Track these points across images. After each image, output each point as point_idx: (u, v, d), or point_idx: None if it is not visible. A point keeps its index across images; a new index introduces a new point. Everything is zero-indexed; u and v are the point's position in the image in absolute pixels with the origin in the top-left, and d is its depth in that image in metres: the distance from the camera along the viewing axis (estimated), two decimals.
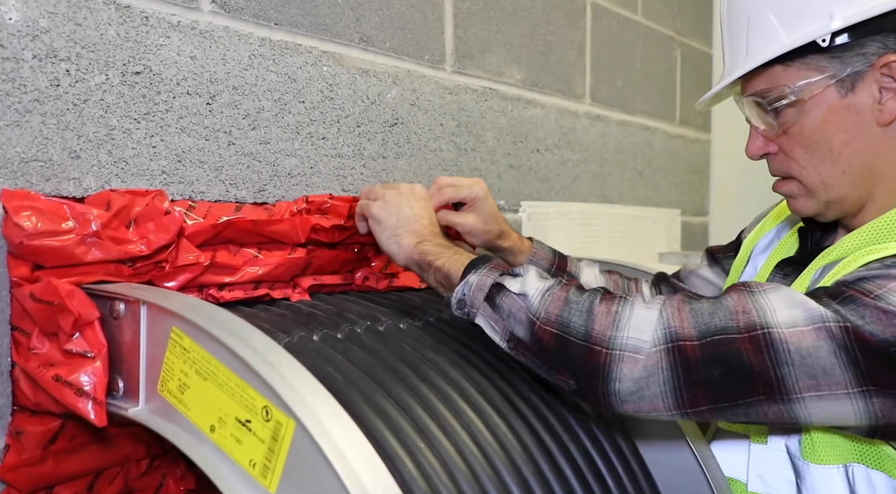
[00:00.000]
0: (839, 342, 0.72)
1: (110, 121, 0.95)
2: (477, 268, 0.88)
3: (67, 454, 0.90)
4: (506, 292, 0.84)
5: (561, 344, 0.79)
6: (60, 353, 0.82)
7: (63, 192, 0.90)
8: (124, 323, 0.80)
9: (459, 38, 1.52)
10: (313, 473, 0.61)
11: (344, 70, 1.26)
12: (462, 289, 0.88)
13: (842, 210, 0.94)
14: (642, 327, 0.77)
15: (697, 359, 0.75)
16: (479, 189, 1.18)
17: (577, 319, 0.79)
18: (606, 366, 0.77)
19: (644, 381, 0.76)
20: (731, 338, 0.74)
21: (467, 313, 0.88)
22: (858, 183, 0.91)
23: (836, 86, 0.88)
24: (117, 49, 0.96)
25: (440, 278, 0.93)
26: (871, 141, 0.89)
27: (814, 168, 0.92)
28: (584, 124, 1.94)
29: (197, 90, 1.05)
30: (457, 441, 0.79)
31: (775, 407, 0.75)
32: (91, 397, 0.78)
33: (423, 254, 0.96)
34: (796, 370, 0.73)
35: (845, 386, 0.73)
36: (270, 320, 0.93)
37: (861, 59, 0.87)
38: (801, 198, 0.96)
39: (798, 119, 0.91)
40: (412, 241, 0.98)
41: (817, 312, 0.74)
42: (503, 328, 0.84)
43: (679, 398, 0.76)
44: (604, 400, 0.78)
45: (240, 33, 1.10)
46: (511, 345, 0.84)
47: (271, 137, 1.15)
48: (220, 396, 0.70)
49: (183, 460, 1.08)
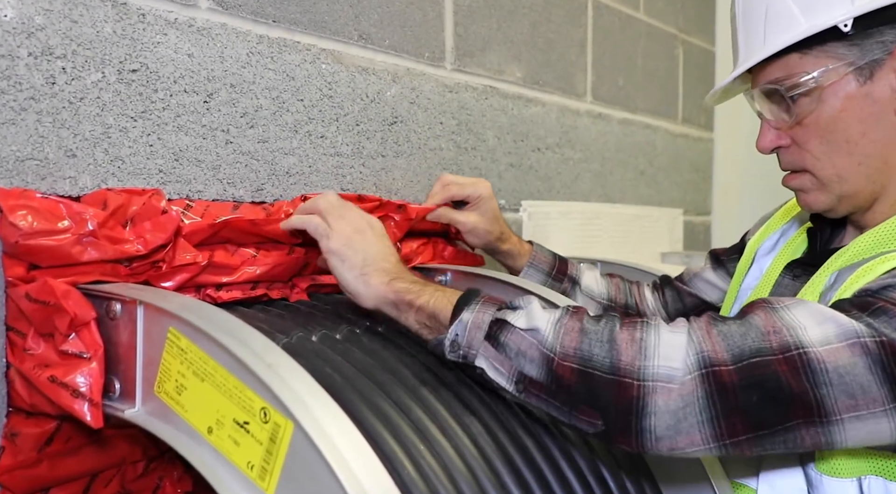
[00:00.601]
0: (875, 357, 0.70)
1: (107, 120, 0.95)
2: (469, 304, 0.81)
3: (63, 456, 0.90)
4: (510, 328, 0.77)
5: (584, 380, 0.73)
6: (56, 354, 0.81)
7: (59, 191, 0.90)
8: (121, 323, 0.80)
9: (459, 35, 1.52)
10: (312, 475, 0.61)
11: (343, 68, 1.26)
12: (455, 330, 0.80)
13: (854, 205, 0.94)
14: (672, 354, 0.72)
15: (735, 385, 0.71)
16: (483, 188, 1.17)
17: (598, 351, 0.73)
18: (640, 400, 0.71)
19: (681, 413, 0.71)
20: (767, 360, 0.71)
21: (464, 356, 0.80)
22: (874, 176, 0.90)
23: (855, 74, 0.88)
24: (114, 46, 0.95)
25: (423, 319, 0.85)
26: (888, 131, 0.88)
27: (829, 159, 0.91)
28: (586, 123, 1.94)
29: (194, 88, 1.05)
30: (457, 442, 0.79)
31: (813, 431, 0.71)
32: (87, 398, 0.78)
33: (400, 293, 0.87)
34: (835, 390, 0.70)
35: (882, 403, 0.70)
36: (268, 321, 0.93)
37: (880, 47, 0.87)
38: (813, 192, 0.95)
39: (814, 108, 0.90)
40: (383, 280, 0.89)
41: (851, 327, 0.72)
42: (510, 368, 0.77)
43: (717, 428, 0.71)
44: (637, 438, 0.72)
45: (237, 30, 1.10)
46: (521, 388, 0.77)
47: (269, 136, 1.15)
48: (218, 397, 0.70)
49: (180, 462, 1.08)
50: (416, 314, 0.86)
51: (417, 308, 0.86)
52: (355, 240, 0.92)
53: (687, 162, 2.47)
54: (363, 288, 0.90)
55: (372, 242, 0.93)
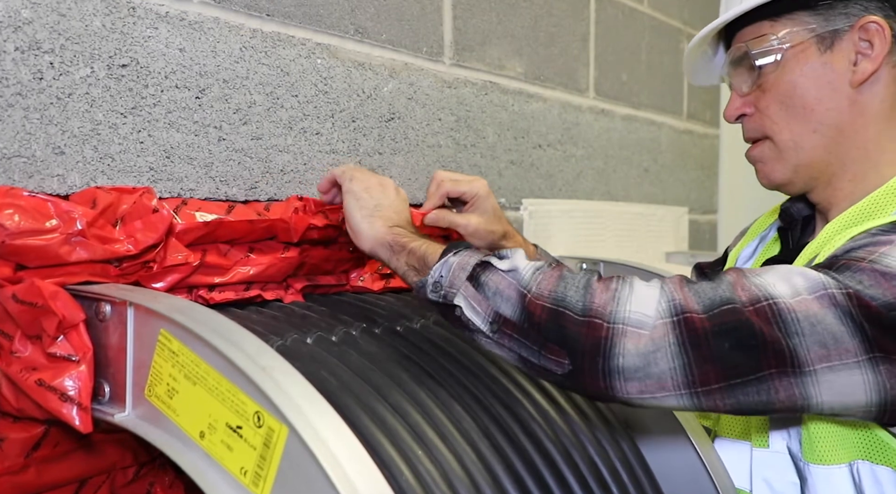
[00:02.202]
0: (844, 309, 0.73)
1: (96, 116, 0.95)
2: (458, 250, 0.85)
3: (51, 461, 0.90)
4: (492, 269, 0.81)
5: (554, 318, 0.76)
6: (44, 357, 0.81)
7: (47, 189, 0.90)
8: (110, 325, 0.80)
9: (459, 29, 1.52)
10: (307, 481, 0.61)
11: (339, 63, 1.26)
12: (440, 270, 0.84)
13: (811, 176, 0.98)
14: (645, 302, 0.75)
15: (707, 331, 0.73)
16: (480, 186, 1.17)
17: (573, 294, 0.77)
18: (608, 340, 0.74)
19: (651, 356, 0.73)
20: (739, 308, 0.74)
21: (444, 295, 0.82)
22: (830, 146, 0.96)
23: (817, 42, 0.94)
24: (103, 41, 0.95)
25: (413, 261, 0.89)
26: (842, 102, 0.95)
27: (786, 124, 0.97)
28: (588, 119, 1.94)
29: (186, 84, 1.05)
30: (455, 447, 0.79)
31: (787, 382, 0.74)
32: (76, 402, 0.78)
33: (397, 236, 0.93)
34: (807, 339, 0.73)
35: (855, 354, 0.73)
36: (262, 322, 0.93)
37: (843, 19, 0.93)
38: (770, 163, 1.00)
39: (776, 73, 0.96)
40: (387, 224, 0.95)
41: (818, 280, 0.76)
42: (486, 308, 0.80)
43: (689, 375, 0.73)
44: (604, 379, 0.74)
45: (230, 24, 1.10)
46: (495, 327, 0.79)
47: (263, 133, 1.15)
48: (210, 401, 0.70)
49: (171, 467, 1.08)
50: (407, 256, 0.90)
51: (409, 250, 0.90)
52: (375, 189, 1.00)
53: (692, 159, 2.47)
54: (366, 227, 0.95)
55: (390, 195, 0.99)
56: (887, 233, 0.82)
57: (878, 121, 0.95)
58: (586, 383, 0.76)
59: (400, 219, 0.97)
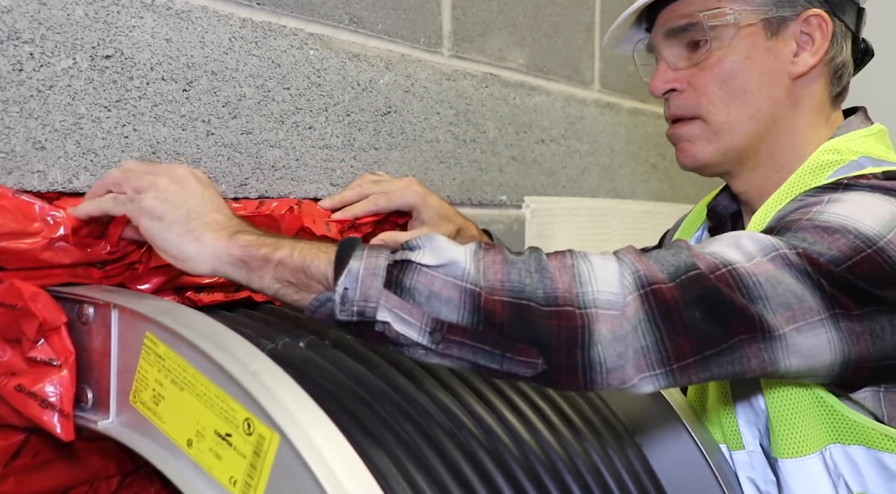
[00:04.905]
0: (799, 267, 0.75)
1: (78, 109, 0.95)
2: (353, 252, 0.72)
3: (31, 471, 0.90)
4: (415, 268, 0.70)
5: (519, 313, 0.69)
6: (24, 361, 0.81)
7: (27, 186, 0.90)
8: (93, 328, 0.80)
9: (458, 19, 1.52)
10: (299, 491, 0.61)
11: (332, 54, 1.26)
12: (344, 283, 0.70)
13: (738, 162, 1.02)
14: (608, 278, 0.72)
15: (677, 301, 0.72)
16: (412, 193, 1.12)
17: (529, 281, 0.70)
18: (585, 329, 0.69)
19: (628, 339, 0.70)
20: (704, 274, 0.74)
21: (360, 312, 0.70)
22: (762, 133, 0.98)
23: (765, 27, 0.96)
24: (86, 31, 0.95)
25: (286, 276, 0.74)
26: (780, 92, 0.97)
27: (724, 105, 0.98)
28: (593, 113, 1.94)
29: (173, 76, 1.05)
30: (453, 457, 0.79)
31: (756, 348, 0.74)
32: (57, 409, 0.78)
33: (249, 248, 0.75)
34: (772, 302, 0.74)
35: (818, 312, 0.75)
36: (253, 325, 0.93)
37: (789, 8, 0.97)
38: (699, 143, 1.01)
39: (721, 51, 0.97)
40: (222, 234, 0.76)
41: (768, 242, 0.78)
42: (421, 316, 0.69)
43: (663, 351, 0.71)
44: (585, 374, 0.70)
45: (219, 14, 1.10)
46: (437, 337, 0.69)
47: (253, 127, 1.15)
48: (198, 408, 0.70)
49: (157, 477, 1.08)
50: (274, 270, 0.74)
51: (277, 263, 0.74)
52: (172, 191, 0.79)
53: None
54: (195, 249, 0.76)
55: (196, 192, 0.80)
56: (814, 195, 0.85)
57: (809, 115, 0.99)
58: (562, 380, 0.71)
59: (230, 219, 0.79)
